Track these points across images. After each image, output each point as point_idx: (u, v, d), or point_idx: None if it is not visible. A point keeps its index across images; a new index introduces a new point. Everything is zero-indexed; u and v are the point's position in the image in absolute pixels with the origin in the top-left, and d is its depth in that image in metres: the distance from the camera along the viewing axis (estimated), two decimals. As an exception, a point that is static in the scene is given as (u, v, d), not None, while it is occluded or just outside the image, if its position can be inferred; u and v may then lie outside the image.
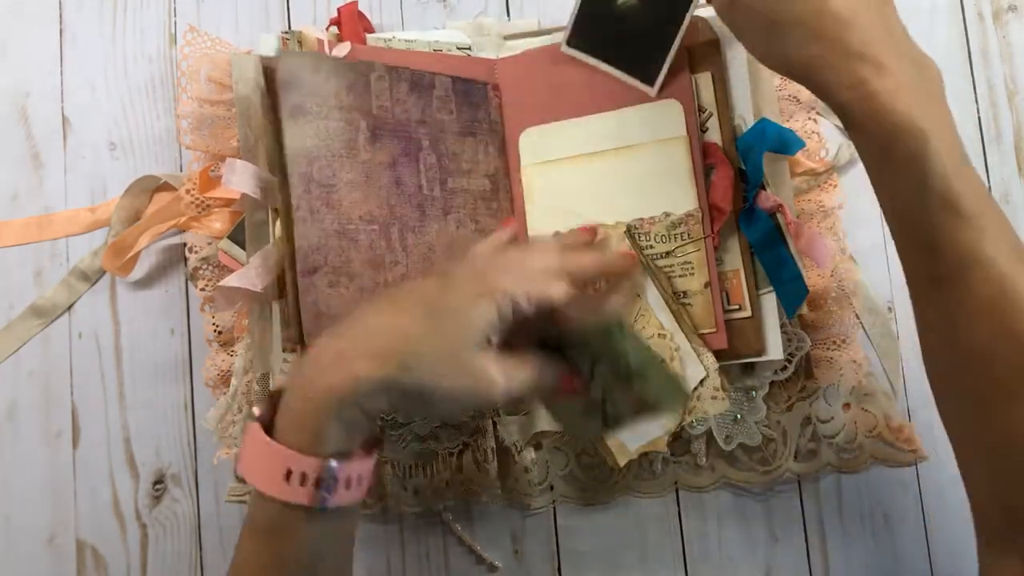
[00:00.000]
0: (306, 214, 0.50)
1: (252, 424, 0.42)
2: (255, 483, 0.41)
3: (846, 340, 0.56)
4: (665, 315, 0.53)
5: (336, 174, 0.51)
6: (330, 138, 0.52)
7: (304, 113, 0.51)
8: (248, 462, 0.42)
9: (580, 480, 0.58)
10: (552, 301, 0.43)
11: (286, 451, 0.40)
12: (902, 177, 0.39)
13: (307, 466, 0.40)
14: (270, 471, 0.40)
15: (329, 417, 0.40)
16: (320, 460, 0.40)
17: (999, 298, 0.38)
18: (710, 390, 0.52)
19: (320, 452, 0.40)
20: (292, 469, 0.40)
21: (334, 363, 0.41)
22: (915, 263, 0.41)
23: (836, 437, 0.56)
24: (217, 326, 0.59)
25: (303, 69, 0.51)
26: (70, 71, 0.65)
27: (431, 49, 0.59)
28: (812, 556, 0.57)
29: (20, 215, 0.63)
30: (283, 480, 0.40)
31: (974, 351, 0.39)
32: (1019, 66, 0.61)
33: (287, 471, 0.40)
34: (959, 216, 0.38)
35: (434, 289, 0.43)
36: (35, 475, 0.61)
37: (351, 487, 0.41)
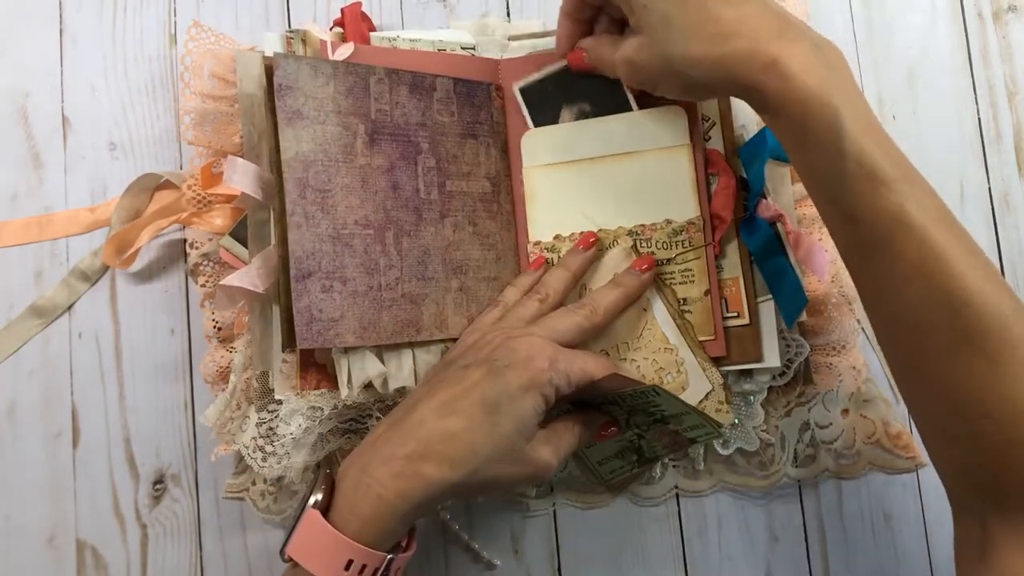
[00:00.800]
0: (301, 219, 0.50)
1: (312, 511, 0.43)
2: (311, 568, 0.43)
3: (845, 346, 0.56)
4: (671, 329, 0.53)
5: (332, 179, 0.51)
6: (327, 143, 0.51)
7: (301, 118, 0.51)
8: (305, 547, 0.43)
9: (580, 482, 0.58)
10: (593, 378, 0.46)
11: (352, 544, 0.42)
12: (820, 151, 0.40)
13: (370, 559, 0.42)
14: (331, 560, 0.42)
15: (397, 519, 0.43)
16: (383, 555, 0.43)
17: (927, 259, 0.38)
18: (715, 404, 0.52)
19: (384, 547, 0.43)
20: (354, 560, 0.42)
21: (405, 469, 0.43)
22: (842, 234, 0.42)
23: (834, 443, 0.56)
24: (217, 322, 0.59)
25: (301, 73, 0.51)
26: (70, 71, 0.65)
27: (435, 49, 0.59)
28: (812, 556, 0.58)
29: (20, 215, 0.63)
30: (343, 569, 0.42)
31: (908, 313, 0.40)
32: (1019, 66, 0.61)
33: (349, 561, 0.42)
34: (879, 182, 0.39)
35: (484, 385, 0.45)
36: (35, 475, 0.61)
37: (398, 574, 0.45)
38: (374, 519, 0.42)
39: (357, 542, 0.42)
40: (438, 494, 0.43)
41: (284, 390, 0.55)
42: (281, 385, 0.55)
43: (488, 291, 0.56)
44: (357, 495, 0.43)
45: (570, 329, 0.49)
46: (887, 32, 0.62)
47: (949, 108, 0.61)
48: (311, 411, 0.55)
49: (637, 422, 0.50)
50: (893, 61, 0.61)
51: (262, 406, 0.56)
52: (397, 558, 0.43)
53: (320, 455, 0.58)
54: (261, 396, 0.56)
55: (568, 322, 0.49)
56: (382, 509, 0.42)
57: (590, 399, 0.49)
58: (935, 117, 0.61)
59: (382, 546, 0.43)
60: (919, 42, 0.62)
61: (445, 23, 0.63)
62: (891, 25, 0.62)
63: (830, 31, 0.61)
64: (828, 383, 0.55)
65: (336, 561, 0.42)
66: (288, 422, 0.55)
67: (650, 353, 0.53)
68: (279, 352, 0.54)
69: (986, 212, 0.60)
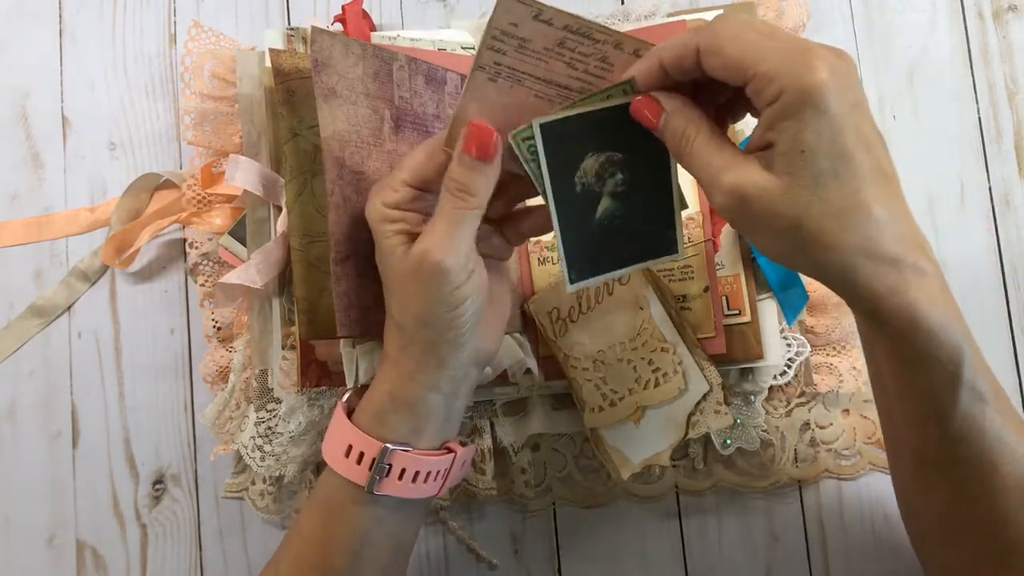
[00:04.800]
0: (339, 200, 0.48)
1: (339, 404, 0.46)
2: (325, 456, 0.45)
3: (846, 346, 0.56)
4: (668, 328, 0.53)
5: (364, 161, 0.50)
6: (359, 124, 0.50)
7: (336, 96, 0.49)
8: (326, 438, 0.46)
9: (578, 483, 0.58)
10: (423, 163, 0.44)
11: (351, 428, 0.44)
12: (936, 378, 0.38)
13: (365, 445, 0.43)
14: (336, 445, 0.44)
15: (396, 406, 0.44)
16: (378, 443, 0.43)
17: (1020, 473, 0.40)
18: (713, 404, 0.52)
19: (381, 436, 0.43)
20: (352, 446, 0.44)
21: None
22: (934, 446, 0.41)
23: (834, 443, 0.56)
24: (216, 322, 0.59)
25: (334, 50, 0.49)
26: (70, 71, 0.65)
27: (436, 48, 0.58)
28: (812, 556, 0.58)
29: (20, 215, 0.63)
30: (343, 456, 0.44)
31: (992, 519, 0.41)
32: (1019, 66, 0.61)
33: (348, 447, 0.44)
34: (986, 404, 0.39)
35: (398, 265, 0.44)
36: (35, 475, 0.61)
37: (404, 478, 0.44)
38: (374, 408, 0.44)
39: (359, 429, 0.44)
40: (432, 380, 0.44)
41: (284, 388, 0.55)
42: (281, 383, 0.55)
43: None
44: (371, 391, 0.45)
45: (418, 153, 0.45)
46: (887, 32, 0.62)
47: (949, 108, 0.61)
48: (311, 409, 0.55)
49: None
50: (893, 61, 0.61)
51: (261, 405, 0.56)
52: (396, 453, 0.43)
53: (319, 454, 0.58)
54: (260, 395, 0.56)
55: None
56: (381, 398, 0.44)
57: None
58: (935, 117, 0.61)
59: (380, 436, 0.43)
60: (919, 42, 0.62)
61: (445, 23, 0.63)
62: (891, 25, 0.62)
63: (831, 31, 0.61)
64: (828, 383, 0.55)
65: (339, 446, 0.44)
66: (288, 420, 0.55)
67: (648, 352, 0.53)
68: (278, 350, 0.54)
69: (986, 212, 0.60)
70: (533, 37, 0.40)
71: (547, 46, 0.40)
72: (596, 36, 0.40)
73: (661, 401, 0.53)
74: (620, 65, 0.41)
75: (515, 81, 0.42)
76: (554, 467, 0.58)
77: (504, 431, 0.57)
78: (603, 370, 0.54)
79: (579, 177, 0.44)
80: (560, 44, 0.40)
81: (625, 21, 0.59)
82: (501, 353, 0.54)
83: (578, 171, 0.44)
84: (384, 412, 0.44)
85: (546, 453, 0.57)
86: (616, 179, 0.44)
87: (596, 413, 0.54)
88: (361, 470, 0.43)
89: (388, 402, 0.44)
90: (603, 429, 0.54)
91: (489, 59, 0.41)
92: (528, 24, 0.40)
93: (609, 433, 0.54)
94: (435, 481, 0.45)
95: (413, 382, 0.44)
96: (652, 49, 0.41)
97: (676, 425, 0.53)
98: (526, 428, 0.57)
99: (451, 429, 0.47)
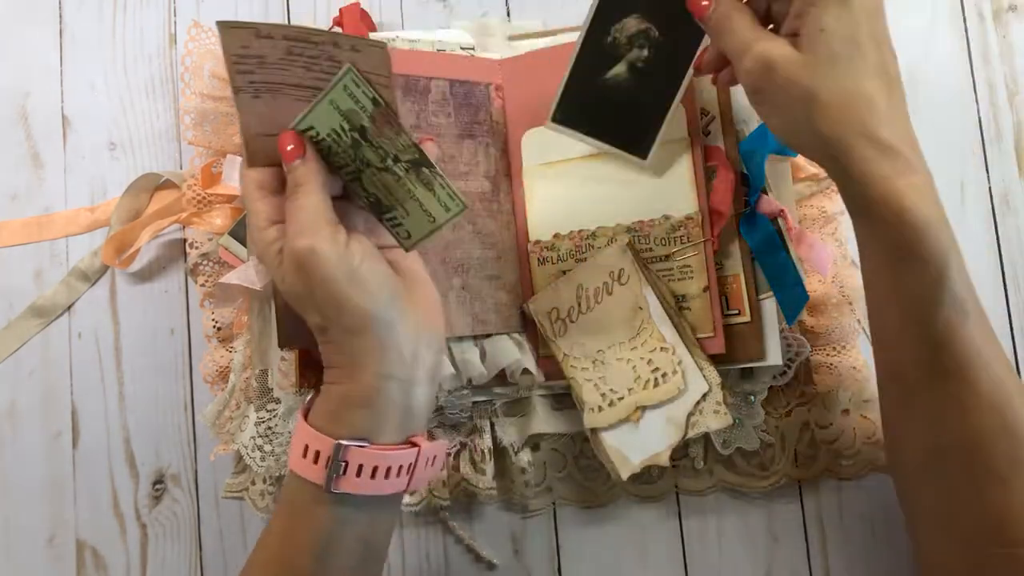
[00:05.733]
0: None
1: (299, 407, 0.46)
2: (289, 459, 0.45)
3: (846, 346, 0.56)
4: (667, 328, 0.53)
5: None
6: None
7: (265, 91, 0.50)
8: (291, 441, 0.46)
9: (578, 482, 0.58)
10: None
11: (307, 427, 0.43)
12: (921, 275, 0.41)
13: (320, 444, 0.43)
14: (296, 446, 0.44)
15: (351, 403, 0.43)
16: (329, 440, 0.42)
17: (997, 393, 0.41)
18: (712, 404, 0.52)
19: (335, 433, 0.43)
20: (308, 445, 0.43)
21: None
22: (918, 355, 0.43)
23: (834, 443, 0.56)
24: (216, 322, 0.59)
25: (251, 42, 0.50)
26: (70, 71, 0.65)
27: (435, 49, 0.59)
28: (812, 556, 0.57)
29: (20, 215, 0.63)
30: (301, 456, 0.43)
31: (970, 440, 0.42)
32: (1019, 66, 0.61)
33: (304, 447, 0.43)
34: (967, 316, 0.41)
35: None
36: (35, 475, 0.61)
37: (362, 475, 0.43)
38: (327, 406, 0.44)
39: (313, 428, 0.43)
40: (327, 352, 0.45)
41: (283, 388, 0.55)
42: (280, 383, 0.55)
43: (490, 289, 0.56)
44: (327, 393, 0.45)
45: None
46: (887, 32, 0.62)
47: (949, 108, 0.61)
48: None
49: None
50: (893, 61, 0.61)
51: (261, 405, 0.56)
52: (351, 449, 0.42)
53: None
54: (260, 395, 0.56)
55: None
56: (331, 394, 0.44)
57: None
58: (935, 117, 0.61)
59: (333, 433, 0.43)
60: (919, 42, 0.62)
61: (445, 23, 0.63)
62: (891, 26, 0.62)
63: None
64: (828, 383, 0.55)
65: (298, 447, 0.44)
66: (287, 420, 0.55)
67: (647, 352, 0.53)
68: (278, 350, 0.54)
69: (986, 212, 0.60)
70: (265, 53, 0.43)
71: (280, 56, 0.44)
72: (313, 39, 0.44)
73: (661, 401, 0.53)
74: (346, 61, 0.44)
75: (274, 92, 0.44)
76: (554, 467, 0.58)
77: (504, 431, 0.57)
78: (602, 370, 0.54)
79: (616, 29, 0.51)
80: (289, 52, 0.44)
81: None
82: (499, 353, 0.55)
83: (618, 23, 0.50)
84: (339, 410, 0.43)
85: (546, 453, 0.57)
86: (642, 53, 0.51)
87: (596, 413, 0.54)
88: (318, 469, 0.42)
89: (342, 399, 0.43)
90: (603, 429, 0.54)
91: (241, 81, 0.43)
92: (256, 42, 0.43)
93: (609, 433, 0.54)
94: (398, 477, 0.44)
95: (365, 373, 0.43)
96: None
97: (675, 425, 0.53)
98: (526, 428, 0.57)
99: (415, 422, 0.45)
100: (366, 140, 0.44)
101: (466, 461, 0.57)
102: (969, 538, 0.44)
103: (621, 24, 0.51)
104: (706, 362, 0.53)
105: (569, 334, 0.54)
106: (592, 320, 0.54)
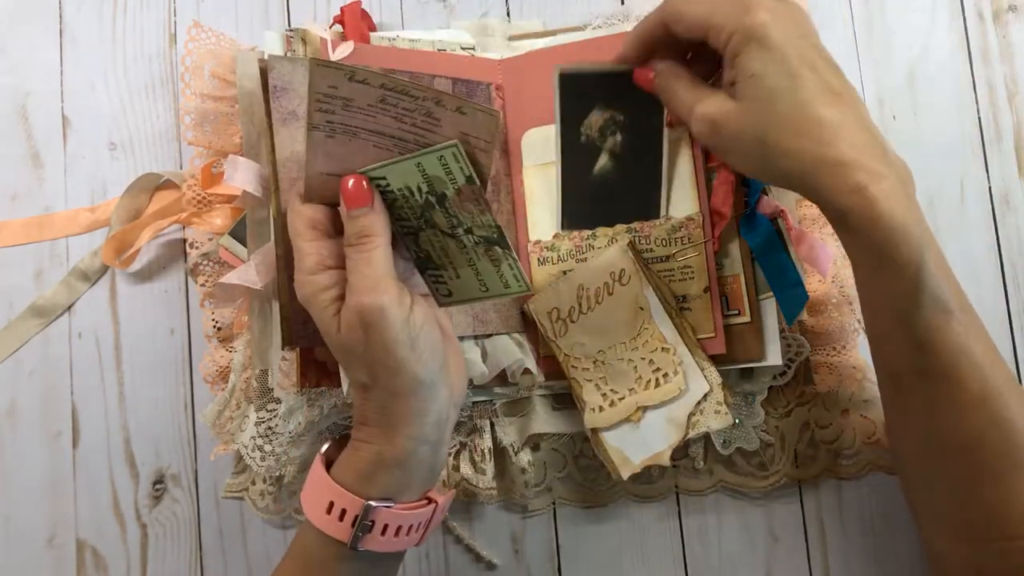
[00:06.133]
0: None
1: (318, 456, 0.46)
2: (305, 510, 0.45)
3: (846, 346, 0.56)
4: (668, 328, 0.53)
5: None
6: None
7: (297, 119, 0.50)
8: (305, 491, 0.45)
9: (578, 482, 0.58)
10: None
11: (332, 484, 0.44)
12: (898, 279, 0.41)
13: (348, 503, 0.43)
14: (317, 500, 0.44)
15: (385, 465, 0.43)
16: (360, 500, 0.43)
17: (985, 390, 0.42)
18: (713, 404, 0.52)
19: (365, 493, 0.43)
20: (335, 503, 0.43)
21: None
22: (904, 358, 0.43)
23: (834, 443, 0.56)
24: (216, 322, 0.59)
25: (296, 75, 0.51)
26: (70, 71, 0.65)
27: (435, 49, 0.59)
28: (812, 556, 0.58)
29: (20, 215, 0.63)
30: (324, 512, 0.43)
31: (963, 438, 0.43)
32: (1019, 66, 0.61)
33: (330, 504, 0.43)
34: (949, 314, 0.41)
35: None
36: (35, 475, 0.61)
37: (387, 534, 0.44)
38: (356, 464, 0.44)
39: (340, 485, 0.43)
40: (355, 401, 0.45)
41: (284, 388, 0.55)
42: (281, 383, 0.55)
43: None
44: (358, 451, 0.45)
45: None
46: (887, 32, 0.62)
47: (949, 108, 0.61)
48: (310, 409, 0.55)
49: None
50: (893, 61, 0.61)
51: (261, 405, 0.56)
52: (379, 510, 0.43)
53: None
54: (260, 395, 0.56)
55: None
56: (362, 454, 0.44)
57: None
58: (935, 117, 0.61)
59: (362, 492, 0.43)
60: (919, 42, 0.62)
61: (445, 23, 0.63)
62: (891, 25, 0.62)
63: (830, 31, 0.61)
64: (828, 383, 0.55)
65: (320, 502, 0.44)
66: (287, 420, 0.55)
67: (648, 353, 0.53)
68: (278, 350, 0.54)
69: (986, 212, 0.60)
70: (355, 96, 0.42)
71: (370, 103, 0.42)
72: (414, 93, 0.42)
73: (661, 401, 0.53)
74: (446, 120, 0.43)
75: (351, 135, 0.43)
76: (554, 467, 0.58)
77: (504, 431, 0.57)
78: (603, 370, 0.54)
79: (585, 127, 0.52)
80: (382, 101, 0.42)
81: (625, 21, 0.59)
82: (500, 353, 0.55)
83: (584, 122, 0.52)
84: (370, 470, 0.44)
85: (546, 453, 0.57)
86: (616, 139, 0.52)
87: (596, 413, 0.54)
88: (344, 527, 0.43)
89: (375, 460, 0.44)
90: (603, 429, 0.54)
91: (320, 119, 0.42)
92: (346, 85, 0.41)
93: (609, 433, 0.54)
94: (416, 532, 0.46)
95: (401, 437, 0.43)
96: (630, 30, 0.49)
97: (676, 425, 0.53)
98: (526, 428, 0.57)
99: (433, 478, 0.47)
100: (442, 207, 0.44)
101: (466, 461, 0.57)
102: (968, 532, 0.44)
103: (587, 121, 0.54)
104: (707, 362, 0.53)
105: (570, 334, 0.54)
106: (593, 320, 0.54)
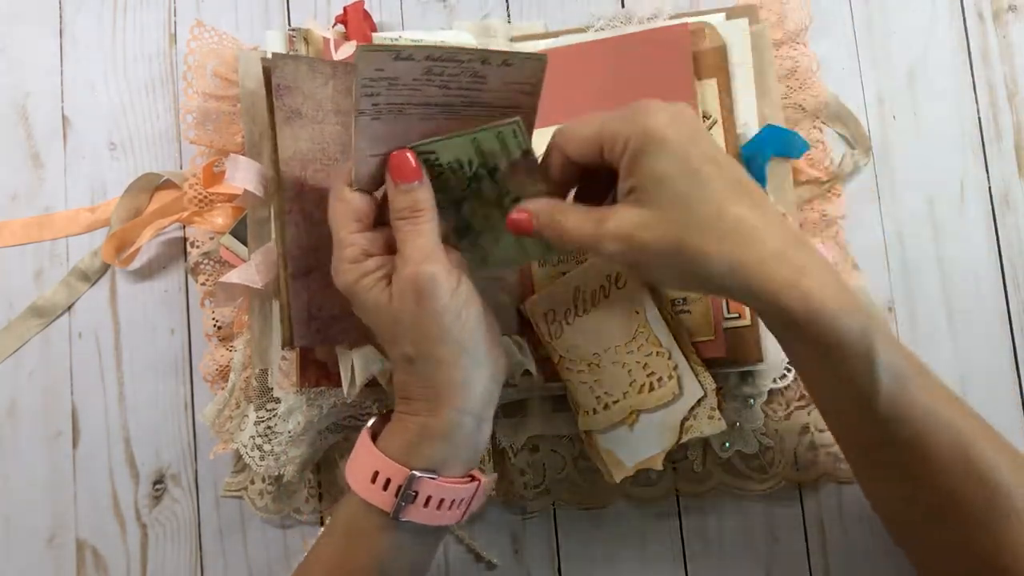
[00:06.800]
0: (299, 217, 0.50)
1: (364, 430, 0.46)
2: (349, 481, 0.45)
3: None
4: (663, 332, 0.53)
5: (330, 177, 0.51)
6: (325, 142, 0.51)
7: (300, 117, 0.50)
8: (350, 462, 0.46)
9: (577, 484, 0.58)
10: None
11: (378, 454, 0.44)
12: (851, 364, 0.40)
13: (393, 472, 0.44)
14: (361, 471, 0.44)
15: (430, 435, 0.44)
16: (405, 470, 0.43)
17: (958, 444, 0.41)
18: (707, 410, 0.52)
19: (409, 463, 0.43)
20: (379, 471, 0.44)
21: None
22: (870, 433, 0.42)
23: (834, 446, 0.56)
24: (217, 321, 0.59)
25: (299, 73, 0.51)
26: (70, 71, 0.65)
27: (438, 49, 0.58)
28: (812, 556, 0.58)
29: (20, 215, 0.63)
30: (369, 481, 0.44)
31: (943, 498, 0.42)
32: (1019, 66, 0.61)
33: (375, 473, 0.44)
34: (908, 380, 0.40)
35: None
36: (35, 475, 0.61)
37: (430, 506, 0.44)
38: (408, 440, 0.44)
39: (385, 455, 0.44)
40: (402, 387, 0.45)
41: (283, 387, 0.55)
42: (280, 383, 0.55)
43: (492, 289, 0.55)
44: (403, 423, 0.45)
45: None
46: (887, 32, 0.62)
47: (949, 108, 0.61)
48: (310, 409, 0.55)
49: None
50: (893, 61, 0.61)
51: (260, 405, 0.56)
52: (424, 481, 0.43)
53: (318, 454, 0.58)
54: (260, 395, 0.56)
55: None
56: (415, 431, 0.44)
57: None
58: (935, 117, 0.61)
59: (407, 462, 0.43)
60: (919, 42, 0.62)
61: (445, 23, 0.63)
62: (891, 25, 0.62)
63: (831, 31, 0.61)
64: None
65: (365, 471, 0.44)
66: (286, 419, 0.55)
67: (643, 357, 0.53)
68: (278, 350, 0.54)
69: (986, 212, 0.60)
70: (400, 74, 0.42)
71: (415, 77, 0.42)
72: (460, 58, 0.42)
73: (656, 405, 0.53)
74: (492, 76, 0.43)
75: (397, 112, 0.43)
76: (553, 468, 0.58)
77: (503, 432, 0.57)
78: (598, 373, 0.53)
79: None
80: (427, 72, 0.42)
81: (628, 23, 0.59)
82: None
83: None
84: (416, 441, 0.44)
85: (545, 454, 0.57)
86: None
87: (590, 416, 0.54)
88: (387, 496, 0.44)
89: (421, 431, 0.44)
90: (597, 432, 0.54)
91: (366, 104, 0.42)
92: (391, 64, 0.41)
93: (603, 436, 0.54)
94: (458, 509, 0.46)
95: (446, 408, 0.44)
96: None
97: (670, 430, 0.53)
98: (525, 429, 0.57)
99: (477, 457, 0.47)
100: (493, 179, 0.44)
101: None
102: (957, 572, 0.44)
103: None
104: (702, 367, 0.52)
105: (565, 336, 0.54)
106: (588, 323, 0.54)
